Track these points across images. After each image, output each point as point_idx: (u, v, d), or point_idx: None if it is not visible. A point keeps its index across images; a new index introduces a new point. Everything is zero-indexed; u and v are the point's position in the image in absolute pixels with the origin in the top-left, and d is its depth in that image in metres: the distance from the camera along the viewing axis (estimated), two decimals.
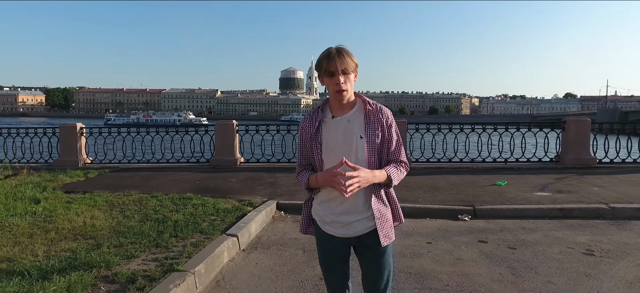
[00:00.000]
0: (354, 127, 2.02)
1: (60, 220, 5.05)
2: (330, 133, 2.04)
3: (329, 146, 2.02)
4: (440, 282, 3.59)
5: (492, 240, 4.74)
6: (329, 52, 1.98)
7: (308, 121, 2.10)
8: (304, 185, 2.09)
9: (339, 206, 2.03)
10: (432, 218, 5.77)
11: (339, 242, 2.08)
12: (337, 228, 2.06)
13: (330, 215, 2.06)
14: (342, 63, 1.94)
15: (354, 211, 2.02)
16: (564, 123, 9.75)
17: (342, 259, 2.12)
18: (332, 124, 2.04)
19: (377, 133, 2.02)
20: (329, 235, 2.08)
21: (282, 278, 3.73)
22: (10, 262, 3.68)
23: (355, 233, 2.05)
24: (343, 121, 2.03)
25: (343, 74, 1.96)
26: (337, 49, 1.98)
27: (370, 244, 2.06)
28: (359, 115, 2.03)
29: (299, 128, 2.13)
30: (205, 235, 4.41)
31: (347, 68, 1.96)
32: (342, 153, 1.98)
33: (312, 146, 2.05)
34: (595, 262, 4.06)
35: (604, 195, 6.56)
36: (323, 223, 2.10)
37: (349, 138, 2.00)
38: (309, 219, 2.20)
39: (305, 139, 2.10)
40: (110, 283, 3.18)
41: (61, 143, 10.44)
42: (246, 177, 8.43)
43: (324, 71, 1.99)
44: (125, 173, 9.23)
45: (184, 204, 5.80)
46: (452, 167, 9.42)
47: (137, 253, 3.81)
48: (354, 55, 2.00)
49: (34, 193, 6.74)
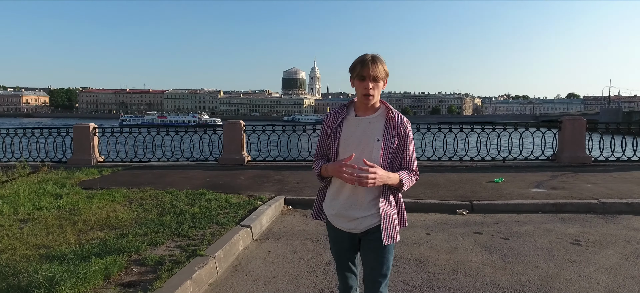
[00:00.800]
0: (374, 129, 2.14)
1: (85, 213, 5.43)
2: (350, 130, 2.16)
3: (347, 141, 2.14)
4: (437, 267, 3.95)
5: (486, 232, 5.09)
6: (364, 58, 2.11)
7: (332, 116, 2.23)
8: (317, 173, 2.26)
9: (346, 201, 2.16)
10: (431, 212, 6.12)
11: (345, 236, 2.23)
12: (344, 223, 2.20)
13: (338, 210, 2.20)
14: (374, 70, 2.08)
15: (359, 208, 2.15)
16: (561, 123, 10.08)
17: (349, 250, 2.27)
18: (354, 122, 2.17)
19: (394, 139, 2.14)
20: (337, 228, 2.24)
21: (293, 264, 4.09)
22: (47, 248, 4.06)
23: (360, 229, 2.18)
24: (364, 121, 2.16)
25: (373, 80, 2.09)
26: (372, 56, 2.11)
27: (374, 239, 2.18)
28: (380, 119, 2.17)
29: (323, 120, 2.28)
30: (221, 226, 4.78)
31: (378, 76, 2.09)
32: (358, 150, 2.11)
33: (332, 139, 2.18)
34: (581, 251, 4.41)
35: (596, 192, 6.88)
36: (332, 217, 2.25)
37: (367, 138, 2.13)
38: (321, 207, 2.34)
39: (326, 131, 2.23)
40: (141, 266, 3.56)
41: (75, 142, 10.82)
42: (254, 175, 8.80)
43: (357, 74, 2.12)
44: (138, 171, 9.61)
45: (198, 199, 6.17)
46: (452, 166, 9.75)
47: (161, 241, 4.19)
48: (386, 64, 2.13)
49: (54, 189, 7.13)
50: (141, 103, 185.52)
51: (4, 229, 4.79)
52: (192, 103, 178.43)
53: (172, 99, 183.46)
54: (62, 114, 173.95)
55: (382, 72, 2.10)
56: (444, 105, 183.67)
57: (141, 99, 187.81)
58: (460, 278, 3.71)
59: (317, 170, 2.25)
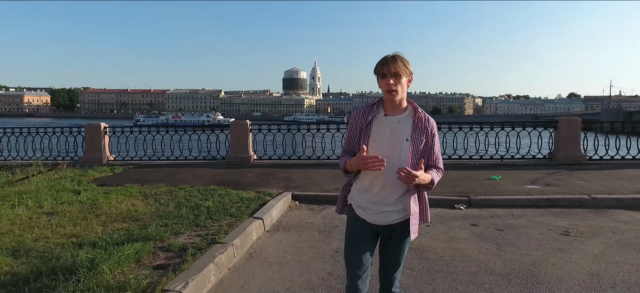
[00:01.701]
0: (403, 129, 2.21)
1: (106, 207, 5.78)
2: (379, 129, 2.22)
3: (377, 140, 2.20)
4: (436, 254, 4.30)
5: (482, 224, 5.44)
6: (384, 58, 2.20)
7: (361, 114, 2.29)
8: (342, 167, 2.32)
9: (375, 196, 2.23)
10: (431, 207, 6.32)
11: (368, 227, 2.28)
12: (370, 215, 2.25)
13: (365, 202, 2.26)
14: (394, 67, 2.15)
15: (387, 202, 2.22)
16: (557, 122, 10.43)
17: (368, 244, 2.31)
18: (384, 121, 2.23)
19: (422, 139, 2.21)
20: (361, 219, 2.29)
21: (303, 251, 4.44)
22: (77, 237, 4.41)
23: (385, 222, 2.25)
24: (394, 121, 2.22)
25: (394, 76, 2.16)
26: (392, 55, 2.19)
27: (396, 234, 2.28)
28: (408, 119, 2.24)
29: (351, 118, 2.34)
30: (235, 218, 5.14)
31: (399, 72, 2.16)
32: (387, 149, 2.17)
33: (361, 137, 2.24)
34: (570, 241, 4.75)
35: (588, 188, 7.23)
36: (358, 208, 2.30)
37: (396, 137, 2.20)
38: (345, 201, 2.40)
39: (355, 128, 2.29)
40: (167, 252, 3.92)
41: (86, 141, 11.18)
42: (261, 172, 9.15)
43: (379, 73, 2.20)
44: (149, 169, 9.97)
45: (210, 194, 6.52)
46: (451, 164, 10.09)
47: (182, 230, 4.55)
48: (409, 62, 2.20)
49: (72, 185, 7.49)
50: (142, 103, 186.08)
51: (33, 221, 5.15)
52: (193, 103, 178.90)
53: (173, 99, 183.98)
54: (64, 114, 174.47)
55: (403, 68, 2.17)
56: (444, 105, 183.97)
57: (142, 99, 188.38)
58: (456, 263, 4.06)
59: (342, 165, 2.31)
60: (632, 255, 4.24)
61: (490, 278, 3.71)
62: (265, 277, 3.80)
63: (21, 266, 3.57)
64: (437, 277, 3.75)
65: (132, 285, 3.05)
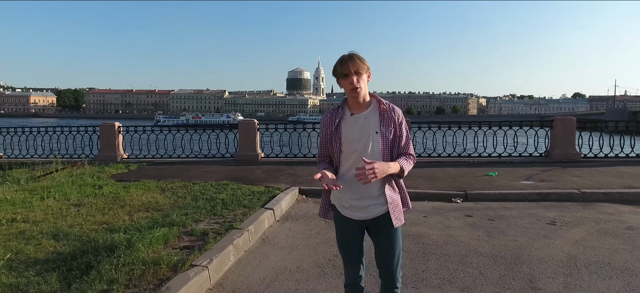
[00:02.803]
0: (371, 123, 2.28)
1: (128, 199, 6.27)
2: (349, 128, 2.29)
3: (348, 139, 2.28)
4: (431, 240, 4.75)
5: (476, 215, 5.88)
6: (342, 58, 2.25)
7: (329, 118, 2.36)
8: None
9: (356, 193, 2.29)
10: (429, 200, 6.90)
11: (354, 224, 2.36)
12: (354, 212, 2.33)
13: (348, 201, 2.32)
14: (354, 65, 2.21)
15: (368, 197, 2.29)
16: (552, 122, 10.84)
17: (357, 238, 2.39)
18: (351, 120, 2.30)
19: (390, 129, 2.28)
20: (346, 218, 2.36)
21: (311, 237, 4.91)
22: (107, 224, 4.90)
23: (370, 216, 2.31)
24: (361, 118, 2.29)
25: (356, 74, 2.21)
26: (348, 54, 2.25)
27: (384, 225, 2.33)
28: (374, 113, 2.30)
29: (321, 123, 2.41)
30: (248, 208, 5.61)
31: (359, 69, 2.21)
32: (359, 145, 2.25)
33: (333, 140, 2.31)
34: (555, 229, 5.18)
35: (580, 183, 7.63)
36: (342, 208, 2.37)
37: (366, 133, 2.27)
38: (328, 205, 2.48)
39: (326, 133, 2.36)
40: (190, 236, 4.39)
41: (101, 140, 11.71)
42: (268, 169, 9.62)
43: (339, 74, 2.25)
44: (161, 166, 10.47)
45: (223, 188, 7.00)
46: (450, 161, 10.53)
47: (202, 218, 5.03)
48: (364, 58, 2.26)
49: (93, 180, 8.00)
50: (147, 103, 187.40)
51: (64, 211, 5.64)
52: (197, 103, 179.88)
53: (178, 99, 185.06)
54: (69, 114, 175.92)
55: (362, 65, 2.23)
56: (448, 105, 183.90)
57: (147, 99, 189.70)
58: (449, 247, 4.51)
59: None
60: (610, 241, 4.67)
61: (479, 259, 4.15)
62: (277, 258, 4.27)
63: (64, 246, 4.05)
64: (431, 258, 4.20)
65: (164, 260, 3.53)
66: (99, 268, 3.31)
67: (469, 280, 3.65)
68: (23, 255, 3.83)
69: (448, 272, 3.84)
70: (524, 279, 3.66)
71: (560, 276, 3.72)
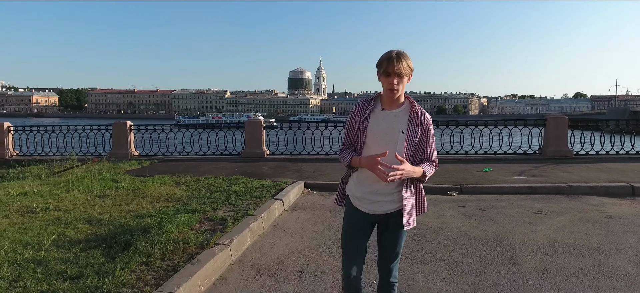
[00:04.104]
0: (399, 122, 2.29)
1: (147, 191, 6.78)
2: (377, 122, 2.30)
3: (374, 133, 2.29)
4: (426, 226, 5.25)
5: (469, 206, 6.39)
6: (389, 55, 2.23)
7: (359, 108, 2.37)
8: (346, 162, 2.39)
9: (370, 186, 2.32)
10: (427, 193, 7.24)
11: (364, 217, 2.39)
12: (365, 205, 2.35)
13: (361, 192, 2.35)
14: (399, 67, 2.20)
15: (382, 193, 2.31)
16: (546, 121, 11.33)
17: (361, 232, 2.43)
18: (381, 115, 2.32)
19: (417, 132, 2.28)
20: (357, 209, 2.40)
21: (318, 224, 5.42)
22: (133, 212, 5.41)
23: (381, 211, 2.34)
24: (390, 115, 2.31)
25: (397, 76, 2.22)
26: (397, 53, 2.23)
27: (393, 223, 2.36)
28: (405, 113, 2.32)
29: (350, 112, 2.42)
30: (259, 199, 6.11)
31: (402, 72, 2.21)
32: (384, 141, 2.26)
33: (359, 130, 2.33)
34: (540, 218, 5.68)
35: (568, 178, 8.12)
36: (354, 198, 2.41)
37: (392, 130, 2.28)
38: (344, 193, 2.52)
39: (354, 122, 2.37)
40: (210, 221, 4.91)
41: (114, 138, 12.23)
42: (275, 166, 10.13)
43: (383, 71, 2.24)
44: (172, 163, 10.97)
45: (234, 182, 7.50)
46: (448, 158, 11.02)
47: (218, 207, 5.54)
48: (411, 60, 2.25)
49: (110, 175, 8.50)
50: (149, 103, 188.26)
51: (90, 201, 6.15)
52: (199, 103, 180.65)
53: (180, 99, 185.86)
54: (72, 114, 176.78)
55: (406, 68, 2.23)
56: (449, 105, 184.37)
57: (149, 99, 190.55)
58: (442, 232, 5.02)
59: (346, 160, 2.38)
60: (588, 227, 5.17)
61: (468, 241, 4.66)
62: (288, 240, 4.78)
63: (99, 230, 4.57)
64: (425, 240, 4.71)
65: (192, 239, 4.04)
66: (137, 245, 3.82)
67: (458, 258, 4.16)
68: (65, 237, 4.35)
69: (440, 251, 4.35)
70: (506, 257, 4.16)
71: (538, 255, 4.22)
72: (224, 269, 3.85)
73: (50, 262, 3.60)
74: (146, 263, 3.54)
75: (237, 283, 3.62)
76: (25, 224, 4.90)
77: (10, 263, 3.58)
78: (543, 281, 3.62)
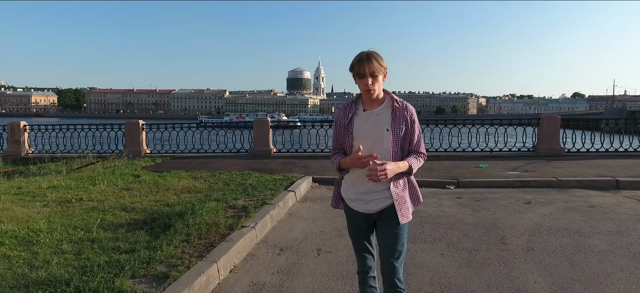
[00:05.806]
0: (382, 120, 2.34)
1: (169, 184, 7.34)
2: (361, 124, 2.36)
3: (359, 135, 2.35)
4: (427, 214, 5.83)
5: (465, 197, 6.97)
6: (360, 57, 2.27)
7: (342, 112, 2.42)
8: (336, 165, 2.47)
9: (362, 186, 2.37)
10: (426, 187, 7.95)
11: (362, 217, 2.45)
12: (360, 205, 2.41)
13: (355, 194, 2.42)
14: (370, 67, 2.24)
15: (374, 191, 2.36)
16: (539, 119, 11.93)
17: (366, 231, 2.48)
18: (363, 116, 2.37)
19: (401, 127, 2.32)
20: (354, 211, 2.46)
21: (328, 213, 5.99)
22: (162, 201, 5.97)
23: (376, 209, 2.39)
24: (373, 114, 2.35)
25: (371, 76, 2.25)
26: (367, 54, 2.26)
27: (388, 219, 2.38)
28: (387, 110, 2.35)
29: (335, 117, 2.49)
30: (273, 191, 6.69)
31: (375, 71, 2.24)
32: (370, 141, 2.30)
33: (345, 134, 2.40)
34: (529, 207, 6.27)
35: (559, 173, 8.71)
36: (349, 200, 2.47)
37: (377, 129, 2.33)
38: (339, 196, 2.58)
39: (339, 127, 2.44)
40: (233, 209, 5.48)
41: (126, 136, 12.78)
42: (282, 162, 10.70)
43: (356, 73, 2.29)
44: (184, 160, 11.53)
45: (248, 176, 8.06)
46: (446, 155, 11.61)
47: (238, 197, 6.12)
48: (382, 58, 2.28)
49: (129, 171, 9.06)
50: (148, 103, 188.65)
51: (118, 193, 6.71)
52: (198, 103, 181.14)
53: (179, 98, 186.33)
54: (71, 113, 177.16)
55: (378, 66, 2.26)
56: (448, 104, 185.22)
57: (148, 99, 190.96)
58: (441, 218, 5.60)
59: (336, 163, 2.46)
60: (571, 215, 5.75)
61: (463, 226, 5.25)
62: (303, 225, 5.36)
63: (136, 215, 5.13)
64: (426, 225, 5.29)
65: (222, 223, 4.62)
66: (176, 227, 4.39)
67: (455, 239, 4.74)
68: (107, 222, 4.91)
69: (439, 233, 4.94)
70: (497, 238, 4.75)
71: (525, 236, 4.81)
72: (252, 247, 4.43)
73: (103, 241, 4.17)
74: (186, 241, 4.11)
75: (264, 259, 4.20)
76: (66, 212, 5.46)
77: (69, 241, 4.14)
78: (527, 256, 4.21)
